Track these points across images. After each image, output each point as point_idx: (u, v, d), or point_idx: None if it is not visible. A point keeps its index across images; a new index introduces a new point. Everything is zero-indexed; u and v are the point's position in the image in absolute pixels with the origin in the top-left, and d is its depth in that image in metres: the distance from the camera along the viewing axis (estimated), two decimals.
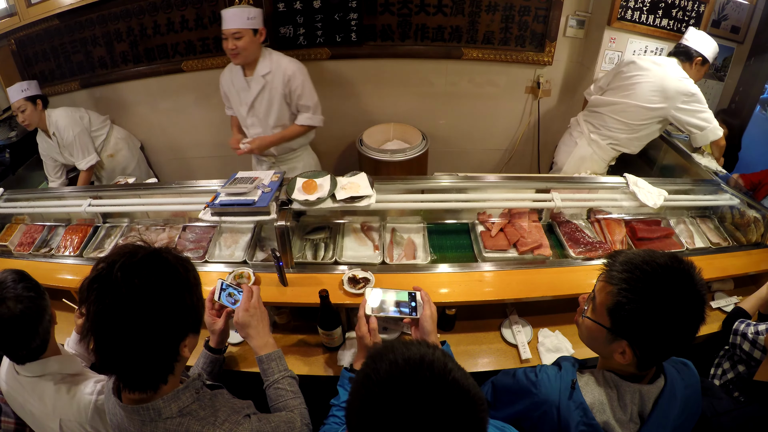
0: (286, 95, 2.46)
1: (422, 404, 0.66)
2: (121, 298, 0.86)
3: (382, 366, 0.71)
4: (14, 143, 3.13)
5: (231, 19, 2.25)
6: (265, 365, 1.29)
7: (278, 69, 2.42)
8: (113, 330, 0.87)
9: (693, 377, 1.11)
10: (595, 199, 2.11)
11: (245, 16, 2.27)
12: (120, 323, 0.86)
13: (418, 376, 0.68)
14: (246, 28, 2.27)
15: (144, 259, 0.90)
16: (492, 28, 3.03)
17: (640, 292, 0.92)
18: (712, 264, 1.89)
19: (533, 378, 1.11)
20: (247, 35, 2.29)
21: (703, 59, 2.42)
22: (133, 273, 0.87)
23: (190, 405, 1.00)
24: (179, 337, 0.95)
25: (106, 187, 2.11)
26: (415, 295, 1.32)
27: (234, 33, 2.26)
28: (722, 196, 2.17)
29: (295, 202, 1.74)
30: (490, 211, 2.08)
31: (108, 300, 0.86)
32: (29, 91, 2.68)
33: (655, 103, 2.39)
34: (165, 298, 0.90)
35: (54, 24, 2.98)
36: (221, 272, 1.80)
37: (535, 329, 1.75)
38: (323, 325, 1.60)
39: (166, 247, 0.97)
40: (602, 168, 2.68)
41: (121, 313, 0.86)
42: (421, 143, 3.12)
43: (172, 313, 0.91)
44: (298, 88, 2.45)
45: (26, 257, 2.03)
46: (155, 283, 0.89)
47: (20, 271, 1.22)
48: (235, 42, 2.27)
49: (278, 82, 2.42)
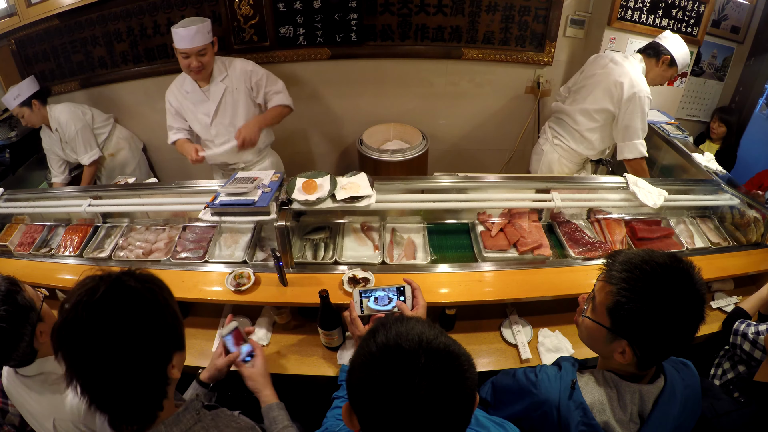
0: (251, 90, 2.44)
1: (418, 371, 0.70)
2: (93, 339, 0.83)
3: (384, 333, 0.76)
4: (14, 143, 3.13)
5: (194, 38, 2.17)
6: (275, 413, 1.29)
7: (234, 69, 2.39)
8: (94, 373, 0.84)
9: (693, 377, 1.11)
10: (595, 199, 2.11)
11: (206, 30, 2.21)
12: (99, 365, 0.83)
13: (413, 345, 0.73)
14: (208, 42, 2.24)
15: (106, 293, 0.86)
16: (492, 28, 3.03)
17: (639, 292, 0.92)
18: (712, 264, 1.88)
19: (533, 378, 1.11)
20: (209, 49, 2.26)
21: (671, 60, 2.34)
22: (98, 311, 0.84)
23: (192, 427, 0.98)
24: (164, 361, 0.92)
25: (106, 187, 2.11)
26: (404, 289, 1.35)
27: (200, 50, 2.21)
28: (722, 196, 2.17)
29: (295, 202, 1.74)
30: (490, 211, 2.08)
31: (80, 345, 0.83)
32: (21, 97, 2.68)
33: (600, 103, 2.38)
34: (137, 327, 0.86)
35: (54, 24, 2.98)
36: (221, 272, 1.80)
37: (535, 329, 1.75)
38: (323, 325, 1.60)
39: (127, 271, 0.93)
40: (573, 172, 2.69)
41: (97, 354, 0.83)
42: (421, 143, 3.12)
43: (149, 339, 0.88)
44: (261, 78, 2.42)
45: (26, 257, 2.03)
46: (123, 316, 0.85)
47: (9, 286, 1.16)
48: (200, 59, 2.23)
49: (239, 80, 2.39)
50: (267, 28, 2.97)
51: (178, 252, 1.94)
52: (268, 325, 1.77)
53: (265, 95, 2.48)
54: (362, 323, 1.37)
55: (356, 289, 1.36)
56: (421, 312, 1.35)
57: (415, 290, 1.38)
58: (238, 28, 2.97)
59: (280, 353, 1.69)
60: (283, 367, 1.63)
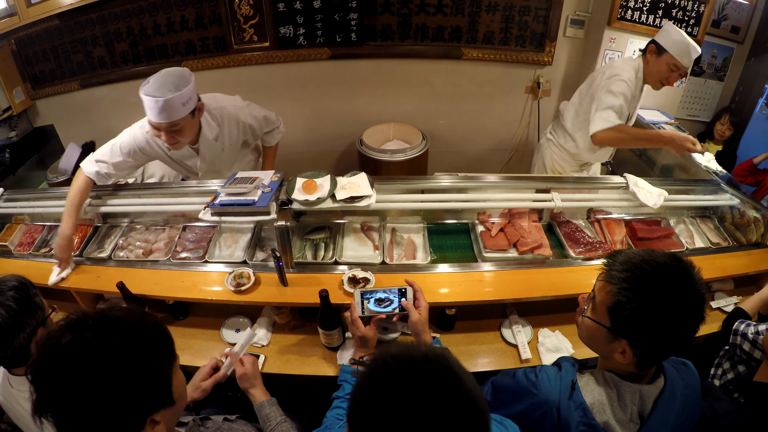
0: (248, 138, 2.15)
1: (427, 399, 0.66)
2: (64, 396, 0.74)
3: (392, 357, 0.71)
4: (14, 143, 3.13)
5: (162, 111, 1.67)
6: (267, 410, 1.30)
7: (227, 123, 2.01)
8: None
9: (693, 377, 1.11)
10: (595, 199, 2.10)
11: (181, 101, 1.69)
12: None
13: (426, 371, 0.69)
14: (184, 115, 1.73)
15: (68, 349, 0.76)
16: (492, 28, 3.04)
17: (640, 291, 0.92)
18: (712, 264, 1.88)
19: (533, 378, 1.11)
20: (186, 122, 1.77)
21: (657, 47, 2.19)
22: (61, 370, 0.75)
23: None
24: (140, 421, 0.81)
25: (106, 187, 2.10)
26: (405, 290, 1.34)
27: (171, 126, 1.73)
28: (722, 196, 2.17)
29: (295, 202, 1.74)
30: (490, 211, 2.08)
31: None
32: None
33: (582, 91, 2.38)
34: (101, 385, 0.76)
35: (54, 24, 2.98)
36: (221, 272, 1.80)
37: (535, 329, 1.75)
38: (323, 325, 1.60)
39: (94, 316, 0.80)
40: (568, 172, 2.68)
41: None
42: (421, 143, 3.12)
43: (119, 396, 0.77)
44: (258, 126, 2.13)
45: (26, 257, 2.03)
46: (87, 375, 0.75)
47: (24, 281, 1.24)
48: (172, 134, 1.76)
49: (235, 133, 2.06)
50: (267, 28, 2.97)
51: (178, 252, 1.93)
52: (268, 325, 1.77)
53: (261, 137, 2.27)
54: (363, 324, 1.38)
55: (357, 290, 1.37)
56: (424, 314, 1.35)
57: (417, 292, 1.38)
58: (238, 28, 2.98)
59: (280, 353, 1.69)
60: (283, 367, 1.63)
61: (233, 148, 2.12)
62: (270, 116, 2.21)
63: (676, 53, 2.15)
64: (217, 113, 1.97)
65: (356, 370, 1.33)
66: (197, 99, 1.82)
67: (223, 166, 2.15)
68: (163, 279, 1.79)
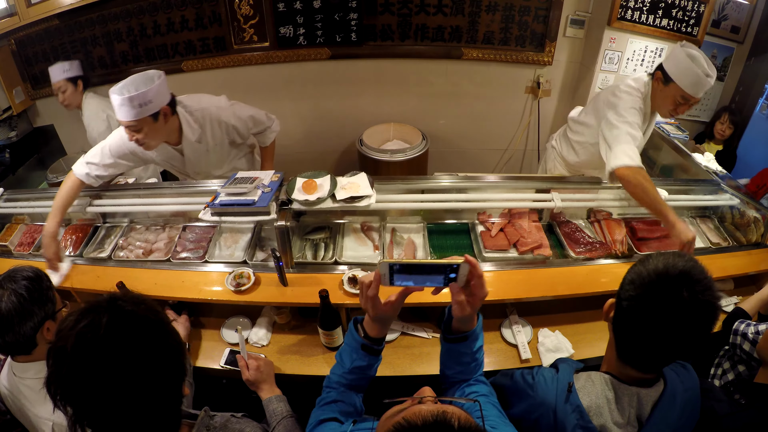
0: (235, 138, 2.11)
1: None
2: (109, 380, 0.75)
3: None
4: (14, 143, 3.13)
5: (121, 110, 1.69)
6: (275, 405, 1.31)
7: (209, 124, 1.98)
8: (111, 418, 0.78)
9: (692, 380, 1.10)
10: (595, 199, 2.10)
11: (137, 102, 1.67)
12: (118, 407, 0.77)
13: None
14: (141, 117, 1.71)
15: (110, 326, 0.78)
16: (492, 28, 3.04)
17: (635, 294, 0.96)
18: (712, 264, 1.84)
19: (530, 380, 1.11)
20: (146, 124, 1.74)
21: (663, 75, 1.91)
22: (108, 347, 0.76)
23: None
24: (179, 380, 0.86)
25: (106, 187, 2.10)
26: (458, 267, 0.91)
27: (129, 125, 1.74)
28: (722, 196, 2.16)
29: (295, 202, 1.74)
30: (490, 211, 2.08)
31: (95, 389, 0.75)
32: (70, 72, 2.70)
33: (587, 110, 2.24)
34: (151, 356, 0.80)
35: (54, 24, 2.98)
36: (221, 272, 1.80)
37: (535, 329, 1.75)
38: (323, 325, 1.60)
39: (121, 295, 0.84)
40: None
41: (118, 395, 0.76)
42: (421, 143, 3.12)
43: (163, 364, 0.82)
44: (239, 122, 2.06)
45: (26, 257, 2.03)
46: (135, 348, 0.78)
47: (40, 273, 1.26)
48: (134, 134, 1.77)
49: (218, 134, 2.03)
50: (267, 28, 2.97)
51: (178, 252, 1.94)
52: (268, 325, 1.78)
53: (254, 137, 2.25)
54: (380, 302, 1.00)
55: (384, 261, 0.93)
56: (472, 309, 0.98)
57: (476, 276, 0.93)
58: (238, 28, 2.98)
59: (280, 353, 1.69)
60: (283, 367, 1.63)
61: (220, 149, 2.10)
62: (258, 116, 2.16)
63: (685, 84, 1.85)
64: (199, 115, 1.96)
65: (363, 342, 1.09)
66: (165, 103, 1.79)
67: (211, 166, 2.15)
68: (163, 279, 1.79)
